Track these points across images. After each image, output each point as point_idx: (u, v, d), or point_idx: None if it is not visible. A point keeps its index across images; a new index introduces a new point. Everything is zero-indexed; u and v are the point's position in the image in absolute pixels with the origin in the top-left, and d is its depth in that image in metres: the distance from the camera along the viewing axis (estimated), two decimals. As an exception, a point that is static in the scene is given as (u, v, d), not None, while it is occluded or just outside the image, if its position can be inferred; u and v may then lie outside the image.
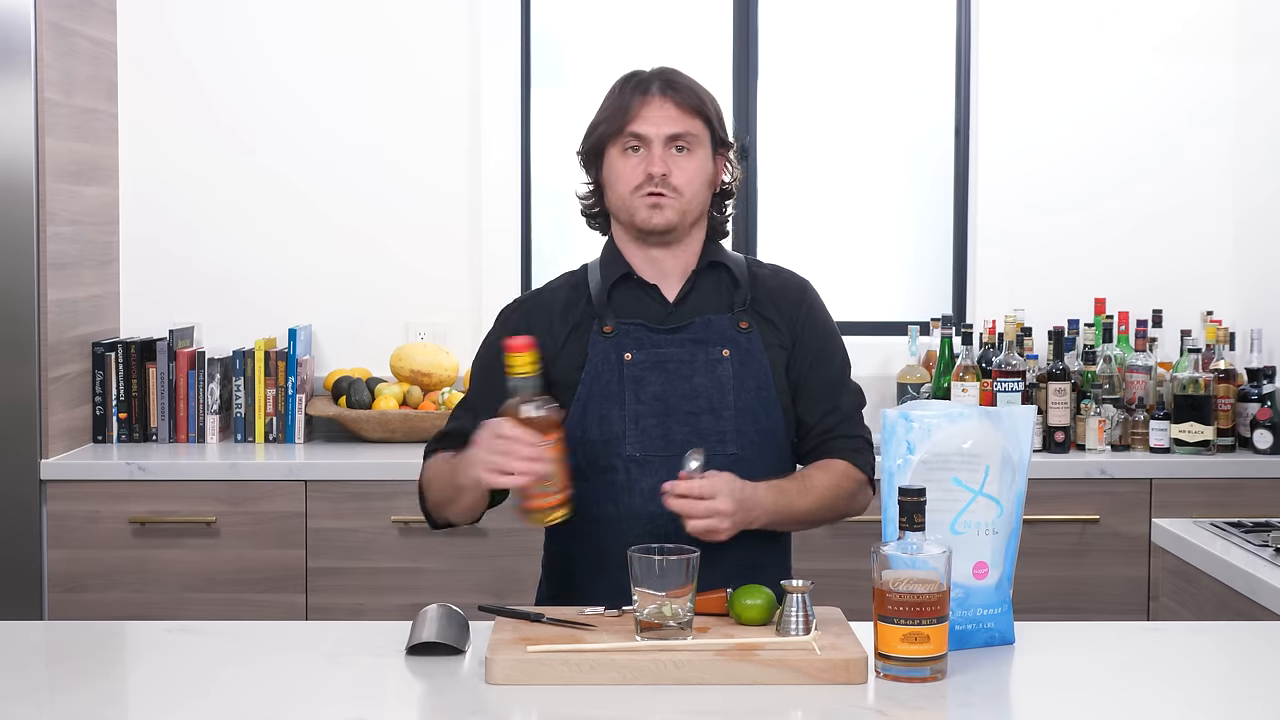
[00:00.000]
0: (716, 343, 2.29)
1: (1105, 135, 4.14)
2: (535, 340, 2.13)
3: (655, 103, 2.27)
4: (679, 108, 2.27)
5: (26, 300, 3.49)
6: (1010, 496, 2.03)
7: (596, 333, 2.29)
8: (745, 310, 2.32)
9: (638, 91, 2.28)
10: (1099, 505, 3.59)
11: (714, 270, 2.36)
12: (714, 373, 2.27)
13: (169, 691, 1.86)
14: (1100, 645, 2.06)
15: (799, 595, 1.96)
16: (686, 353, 2.28)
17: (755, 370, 2.29)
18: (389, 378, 3.96)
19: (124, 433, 3.81)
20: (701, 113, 2.29)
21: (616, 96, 2.30)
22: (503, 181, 4.09)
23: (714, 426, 2.25)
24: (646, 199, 2.26)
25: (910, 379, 3.91)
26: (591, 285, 2.34)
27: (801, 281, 2.41)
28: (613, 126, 2.28)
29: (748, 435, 2.27)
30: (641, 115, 2.26)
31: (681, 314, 2.32)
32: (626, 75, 2.32)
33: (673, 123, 2.26)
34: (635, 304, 2.32)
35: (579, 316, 2.32)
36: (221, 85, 4.07)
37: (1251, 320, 3.99)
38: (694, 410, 2.25)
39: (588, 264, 2.39)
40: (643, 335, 2.28)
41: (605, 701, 1.80)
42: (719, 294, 2.34)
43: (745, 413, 2.27)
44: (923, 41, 4.29)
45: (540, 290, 2.40)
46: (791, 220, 4.27)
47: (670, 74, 2.31)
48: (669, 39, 4.25)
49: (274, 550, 3.53)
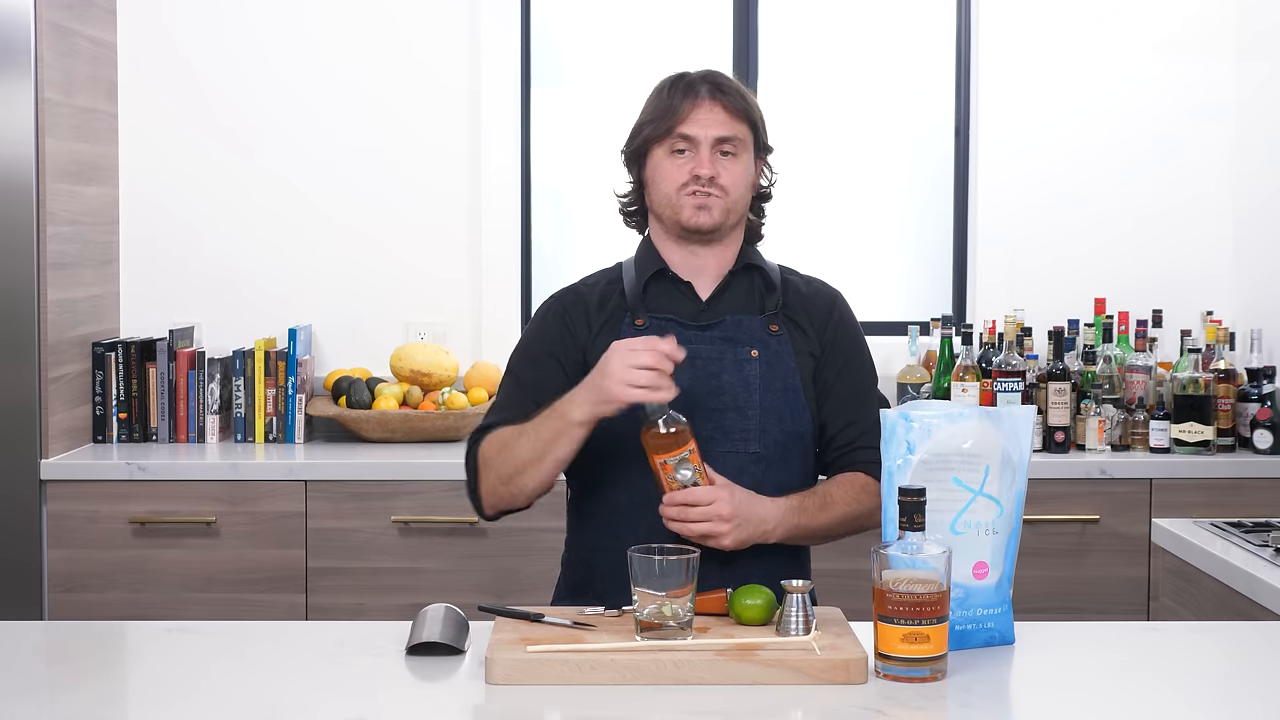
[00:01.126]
0: (746, 342, 2.31)
1: (1105, 135, 4.14)
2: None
3: (705, 106, 2.29)
4: (727, 111, 2.30)
5: (26, 300, 3.49)
6: (1010, 496, 2.03)
7: (628, 325, 2.31)
8: (776, 314, 2.34)
9: (687, 94, 2.30)
10: (1099, 505, 3.59)
11: (748, 272, 2.38)
12: (741, 372, 2.29)
13: (169, 691, 1.86)
14: (1100, 645, 2.06)
15: (799, 595, 1.96)
16: (715, 350, 2.30)
17: (783, 372, 2.30)
18: (389, 378, 3.96)
19: (124, 433, 3.81)
20: (748, 117, 2.32)
21: (664, 98, 2.31)
22: (503, 182, 4.09)
23: (738, 424, 2.27)
24: (693, 198, 2.29)
25: (910, 379, 3.91)
26: (626, 281, 2.36)
27: (833, 292, 2.44)
28: (660, 128, 2.30)
29: (772, 435, 2.28)
30: (691, 118, 2.28)
31: (713, 312, 2.34)
32: (674, 77, 2.34)
33: (721, 126, 2.29)
34: (668, 300, 2.35)
35: (612, 310, 2.34)
36: (221, 85, 4.07)
37: (1251, 320, 3.99)
38: (719, 407, 2.26)
39: (622, 261, 2.42)
40: (674, 330, 2.30)
41: (605, 701, 1.80)
42: (751, 296, 2.36)
43: (770, 413, 2.28)
44: (923, 41, 4.29)
45: (578, 284, 2.42)
46: (792, 220, 4.26)
47: (718, 77, 2.33)
48: (669, 39, 4.25)
49: (274, 550, 3.53)
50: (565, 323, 2.34)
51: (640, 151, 2.34)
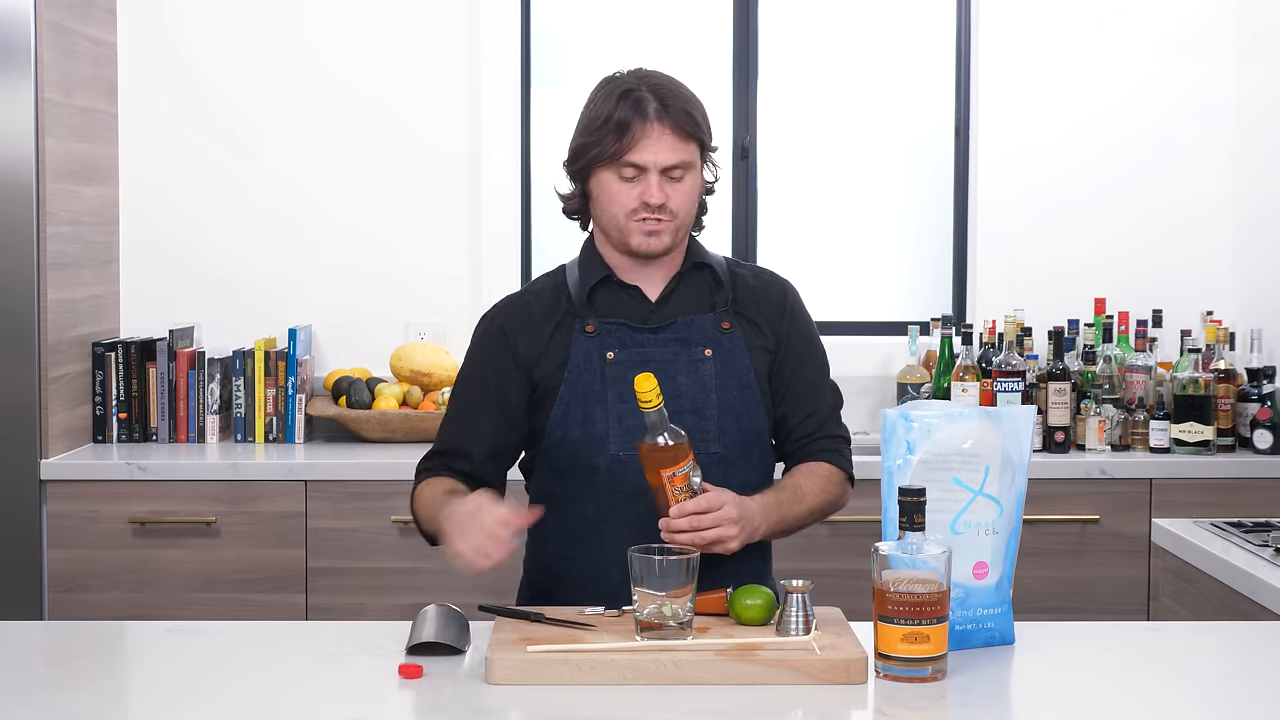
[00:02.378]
0: (699, 342, 2.29)
1: (1105, 135, 4.14)
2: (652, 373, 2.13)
3: (654, 131, 2.21)
4: (675, 134, 2.22)
5: (26, 300, 3.49)
6: (1010, 496, 2.03)
7: (579, 332, 2.28)
8: (727, 311, 2.32)
9: (634, 113, 2.21)
10: (1099, 505, 3.59)
11: (697, 271, 2.35)
12: (696, 372, 2.27)
13: (169, 691, 1.86)
14: (1100, 645, 2.06)
15: (799, 595, 1.96)
16: (669, 352, 2.28)
17: (738, 370, 2.29)
18: (389, 378, 3.96)
19: (124, 433, 3.81)
20: (696, 136, 2.25)
21: (609, 112, 2.22)
22: (503, 182, 4.09)
23: (697, 426, 2.24)
24: (642, 224, 2.24)
25: (910, 379, 3.91)
26: (571, 286, 2.32)
27: (783, 283, 2.40)
28: (606, 151, 2.22)
29: (730, 434, 2.27)
30: (640, 145, 2.21)
31: (663, 314, 2.31)
32: (619, 91, 2.24)
33: (670, 151, 2.22)
34: (616, 304, 2.31)
35: (561, 316, 2.31)
36: (222, 85, 4.07)
37: (1251, 320, 3.99)
38: (677, 410, 2.23)
39: (565, 264, 2.38)
40: (625, 334, 2.28)
41: (605, 701, 1.80)
42: (701, 294, 2.33)
43: (728, 412, 2.27)
44: (923, 41, 4.29)
45: (520, 293, 2.38)
46: (792, 220, 4.27)
47: (664, 92, 2.23)
48: (669, 39, 4.25)
49: (274, 550, 3.53)
50: (505, 343, 2.29)
51: (584, 169, 2.27)
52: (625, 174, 2.23)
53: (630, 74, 2.28)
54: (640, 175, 2.23)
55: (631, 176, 2.23)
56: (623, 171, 2.23)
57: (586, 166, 2.27)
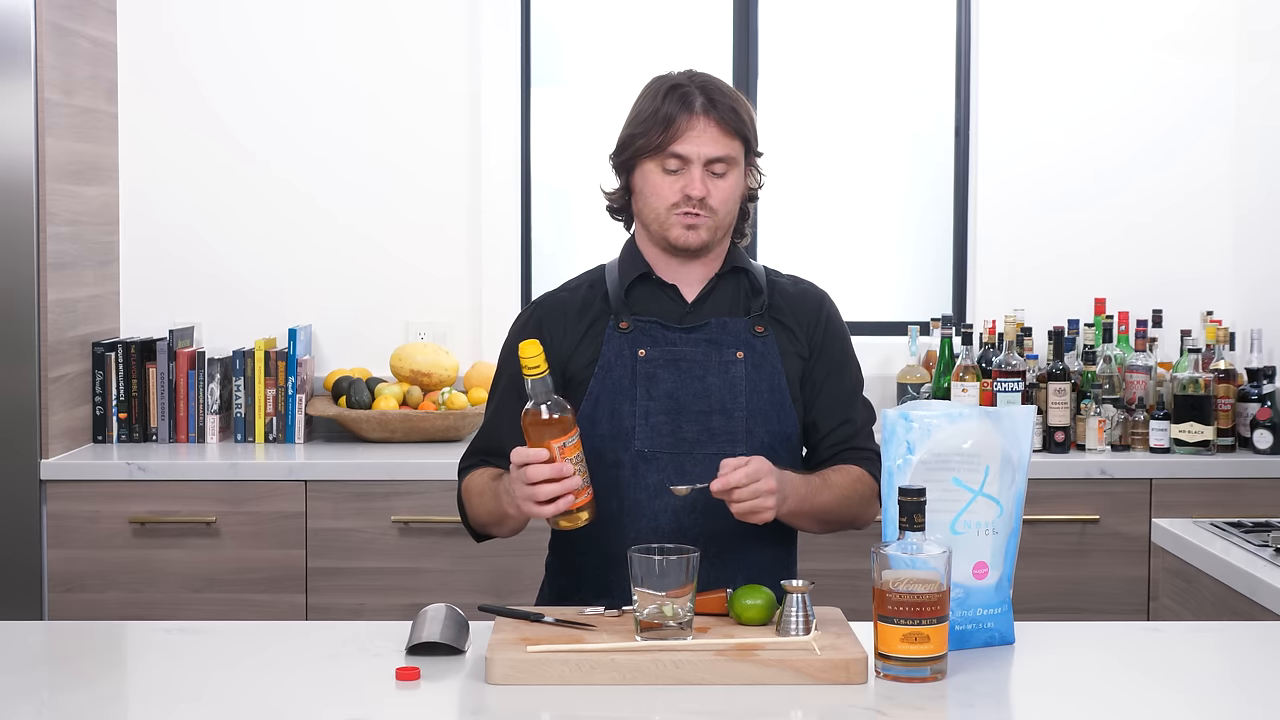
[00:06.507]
0: (731, 344, 2.30)
1: (1105, 135, 4.14)
2: (539, 339, 2.14)
3: (699, 124, 2.24)
4: (720, 128, 2.25)
5: (26, 300, 3.49)
6: (1010, 496, 2.03)
7: (612, 328, 2.30)
8: (762, 316, 2.33)
9: (681, 107, 2.25)
10: (1099, 505, 3.59)
11: (734, 275, 2.36)
12: (727, 374, 2.28)
13: (169, 691, 1.86)
14: (1100, 645, 2.06)
15: (799, 595, 1.96)
16: (701, 352, 2.29)
17: (769, 374, 2.29)
18: (389, 378, 3.96)
19: (124, 433, 3.81)
20: (741, 133, 2.28)
21: (656, 106, 2.26)
22: (503, 181, 4.09)
23: (724, 426, 2.26)
24: (682, 218, 2.26)
25: (910, 379, 3.91)
26: (609, 284, 2.34)
27: (820, 292, 2.42)
28: (652, 143, 2.25)
29: (758, 437, 2.27)
30: (684, 136, 2.24)
31: (699, 314, 2.33)
32: (667, 84, 2.28)
33: (714, 145, 2.25)
34: (653, 302, 2.33)
35: (596, 314, 2.33)
36: (221, 85, 4.07)
37: (1251, 320, 3.99)
38: (705, 409, 2.25)
39: (605, 264, 2.40)
40: (658, 333, 2.29)
41: (605, 701, 1.80)
42: (737, 298, 2.35)
43: (756, 415, 2.28)
44: (923, 41, 4.29)
45: (559, 290, 2.40)
46: (792, 220, 4.27)
47: (711, 88, 2.28)
48: (669, 39, 4.25)
49: (274, 550, 3.53)
50: (541, 338, 2.29)
51: (629, 161, 2.31)
52: (669, 165, 2.26)
53: (680, 73, 2.33)
54: (684, 168, 2.26)
55: (675, 169, 2.26)
56: (666, 163, 2.26)
57: (631, 158, 2.30)
